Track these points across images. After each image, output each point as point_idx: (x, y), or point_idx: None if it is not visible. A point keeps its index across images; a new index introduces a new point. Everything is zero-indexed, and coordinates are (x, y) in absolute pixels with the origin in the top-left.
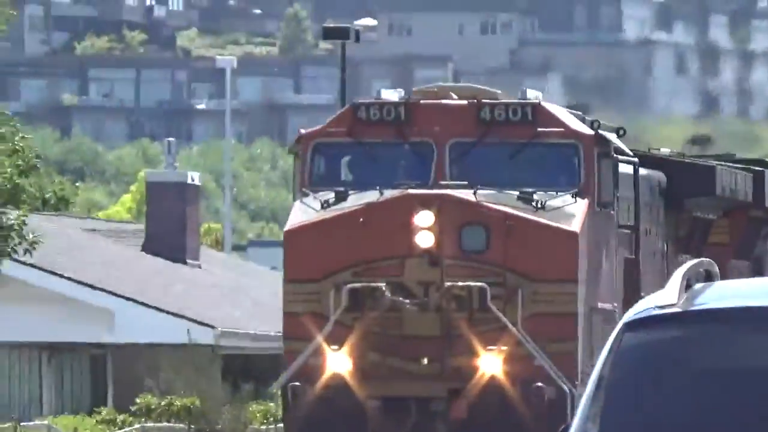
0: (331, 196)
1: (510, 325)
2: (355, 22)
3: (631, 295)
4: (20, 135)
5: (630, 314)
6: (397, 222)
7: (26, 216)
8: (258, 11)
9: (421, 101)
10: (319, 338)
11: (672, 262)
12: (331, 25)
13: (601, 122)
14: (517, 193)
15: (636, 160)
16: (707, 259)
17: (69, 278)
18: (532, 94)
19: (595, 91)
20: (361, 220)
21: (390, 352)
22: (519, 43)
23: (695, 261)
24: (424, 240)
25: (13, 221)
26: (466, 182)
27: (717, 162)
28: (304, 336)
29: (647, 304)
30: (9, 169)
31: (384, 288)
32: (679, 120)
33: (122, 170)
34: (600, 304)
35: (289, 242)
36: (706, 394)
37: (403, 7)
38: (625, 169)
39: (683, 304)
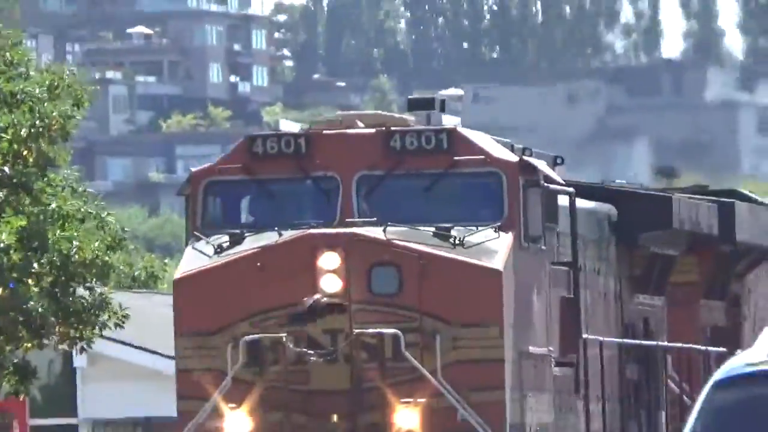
0: (225, 239)
1: (428, 375)
2: (440, 92)
3: (571, 337)
4: (106, 212)
5: (720, 373)
6: (299, 265)
7: (112, 292)
8: (342, 84)
9: (324, 131)
10: (216, 397)
11: (627, 303)
12: (416, 96)
13: (535, 150)
14: (433, 229)
15: (572, 190)
16: None
17: (161, 354)
18: (449, 121)
19: (682, 153)
20: (258, 264)
21: (295, 409)
22: (606, 110)
23: None
24: (330, 284)
25: (101, 297)
26: (374, 219)
27: (675, 193)
28: (200, 395)
29: (736, 363)
30: (97, 243)
31: (286, 339)
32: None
33: None
34: (532, 349)
35: (179, 292)
36: None
37: (488, 77)
38: (561, 201)
39: None
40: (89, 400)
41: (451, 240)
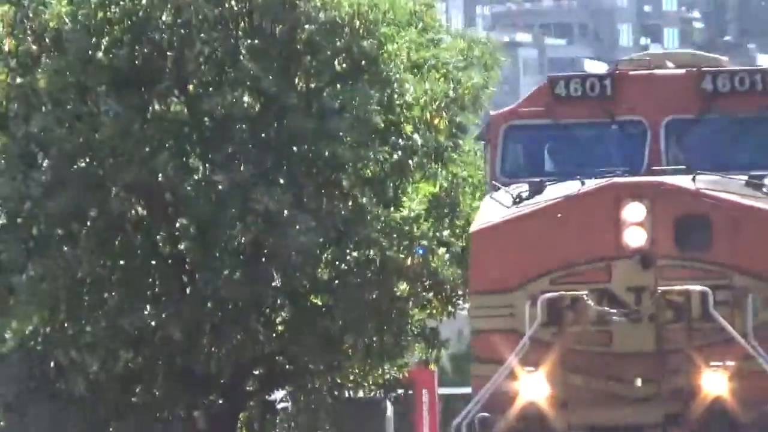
0: (524, 188)
1: (738, 337)
2: None
3: None
4: None
5: None
6: (602, 217)
7: None
8: (752, 45)
9: (630, 72)
10: (512, 359)
11: None
12: None
13: None
14: (746, 177)
15: None
16: None
17: None
18: (765, 61)
19: None
20: (559, 216)
21: (596, 373)
22: None
23: None
24: (635, 237)
25: None
26: (683, 167)
27: None
28: (495, 357)
29: None
30: None
31: (587, 297)
32: None
33: None
34: None
35: (475, 245)
36: None
37: None
38: None
39: None
40: None
41: (766, 189)
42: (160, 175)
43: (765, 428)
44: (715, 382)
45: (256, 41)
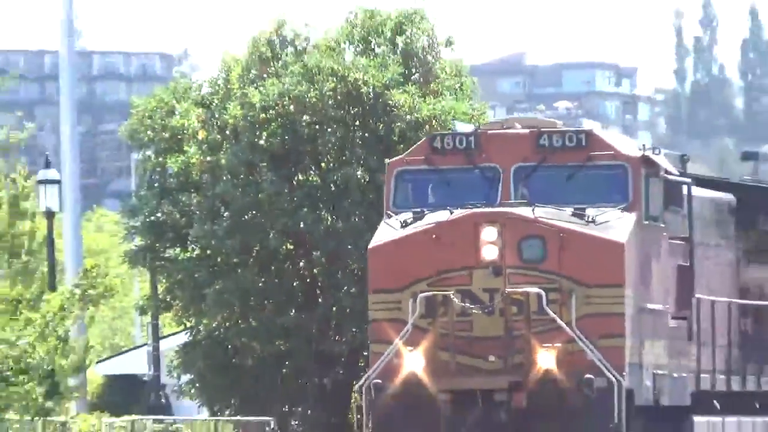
0: (409, 216)
1: (564, 326)
2: None
3: (685, 297)
4: None
5: None
6: (466, 237)
7: None
8: None
9: (489, 131)
10: (399, 341)
11: (744, 271)
12: None
13: (664, 151)
14: (572, 209)
15: (688, 180)
16: None
17: None
18: (589, 125)
19: None
20: (434, 236)
21: (459, 351)
22: None
23: None
24: (490, 253)
25: None
26: (526, 201)
27: None
28: (387, 339)
29: None
30: None
31: (454, 296)
32: None
33: None
34: (650, 305)
35: (373, 258)
36: None
37: None
38: (697, 193)
39: None
40: None
41: (586, 218)
42: (302, 223)
43: (582, 391)
44: (547, 359)
45: (366, 134)
